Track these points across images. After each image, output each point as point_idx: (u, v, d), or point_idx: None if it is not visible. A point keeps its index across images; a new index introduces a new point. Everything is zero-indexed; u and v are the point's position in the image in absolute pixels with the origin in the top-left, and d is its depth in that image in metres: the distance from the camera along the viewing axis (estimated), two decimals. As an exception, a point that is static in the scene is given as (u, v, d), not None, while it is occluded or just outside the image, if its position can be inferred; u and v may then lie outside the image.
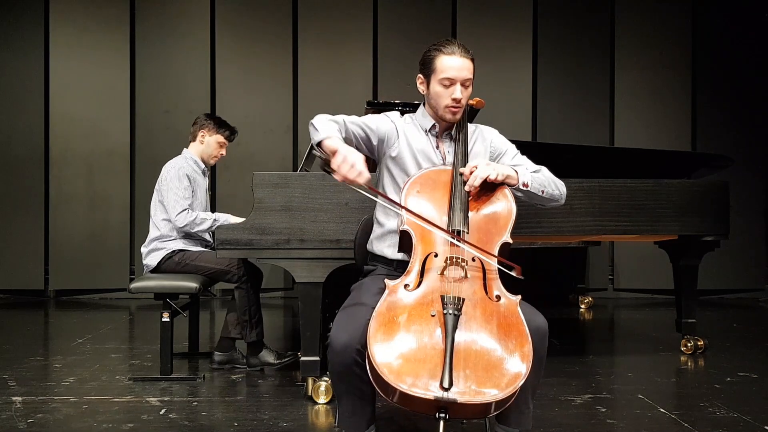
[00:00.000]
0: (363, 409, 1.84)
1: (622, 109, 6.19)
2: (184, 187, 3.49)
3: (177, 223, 3.45)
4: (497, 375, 1.62)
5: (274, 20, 6.07)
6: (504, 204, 1.98)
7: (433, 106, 2.12)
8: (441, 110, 2.09)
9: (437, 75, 2.05)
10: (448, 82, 2.04)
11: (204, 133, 3.68)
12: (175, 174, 3.51)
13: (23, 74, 5.91)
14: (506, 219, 1.96)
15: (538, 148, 4.31)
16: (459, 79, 2.04)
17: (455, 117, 2.10)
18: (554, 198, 2.18)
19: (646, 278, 6.03)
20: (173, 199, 3.46)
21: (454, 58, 2.03)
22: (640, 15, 6.20)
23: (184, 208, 3.45)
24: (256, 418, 2.62)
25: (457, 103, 2.06)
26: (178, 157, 3.67)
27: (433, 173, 2.02)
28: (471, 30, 6.11)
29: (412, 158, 2.13)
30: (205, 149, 3.69)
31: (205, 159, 3.71)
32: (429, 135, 2.16)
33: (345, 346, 1.74)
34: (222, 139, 3.71)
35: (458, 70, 2.03)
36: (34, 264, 5.89)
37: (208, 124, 3.69)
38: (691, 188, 3.48)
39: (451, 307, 1.69)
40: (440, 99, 2.07)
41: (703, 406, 2.79)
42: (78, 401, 2.82)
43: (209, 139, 3.68)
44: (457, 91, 2.04)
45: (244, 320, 3.35)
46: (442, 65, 2.04)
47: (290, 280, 5.83)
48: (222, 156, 3.77)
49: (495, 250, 1.90)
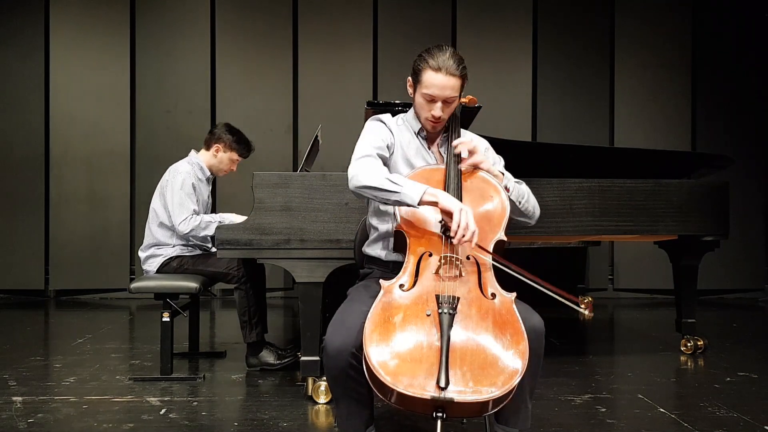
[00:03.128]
0: (360, 411, 1.85)
1: (622, 109, 6.20)
2: (188, 195, 3.42)
3: (181, 230, 3.38)
4: (494, 373, 1.62)
5: (274, 20, 6.08)
6: (497, 202, 1.99)
7: (417, 113, 2.14)
8: (422, 120, 2.12)
9: (421, 87, 2.05)
10: (430, 98, 2.04)
11: (220, 147, 3.58)
12: (178, 181, 3.44)
13: (24, 74, 5.92)
14: (500, 216, 1.96)
15: (538, 148, 4.32)
16: (441, 97, 2.03)
17: (434, 130, 2.12)
18: (527, 213, 2.16)
19: (646, 278, 6.04)
20: (177, 207, 3.40)
21: (439, 77, 2.00)
22: (640, 15, 6.20)
23: (189, 215, 3.39)
24: (256, 418, 2.62)
25: (436, 120, 2.07)
26: (184, 160, 3.59)
27: (427, 172, 2.03)
28: (471, 30, 6.11)
29: (404, 160, 2.13)
30: (217, 163, 3.61)
31: (213, 170, 3.64)
32: (419, 137, 2.17)
33: (339, 349, 1.75)
34: (237, 157, 3.62)
35: (441, 89, 2.01)
36: (34, 264, 5.90)
37: (226, 139, 3.57)
38: (691, 188, 3.48)
39: (446, 307, 1.69)
40: (422, 111, 2.09)
41: (703, 406, 2.79)
42: (78, 401, 2.82)
43: (223, 156, 3.59)
44: (437, 108, 2.04)
45: (244, 320, 3.35)
46: (427, 80, 2.02)
47: (290, 280, 5.82)
48: (231, 171, 3.67)
49: (490, 248, 1.90)
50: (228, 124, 3.69)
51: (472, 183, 2.01)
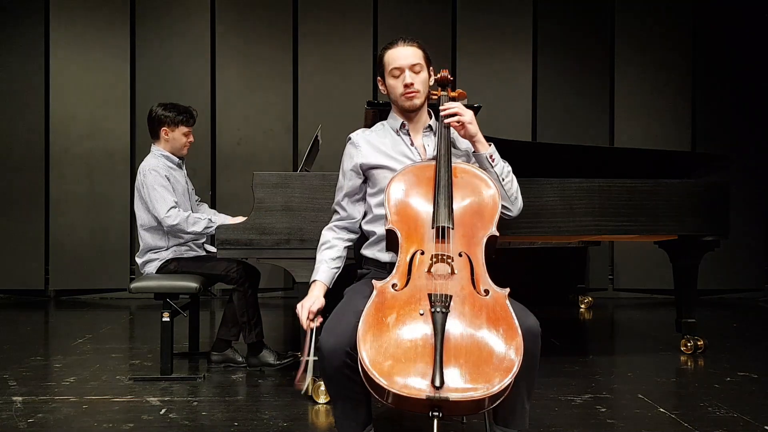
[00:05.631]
0: (357, 411, 1.85)
1: (622, 109, 6.19)
2: (164, 188, 3.36)
3: (167, 222, 3.31)
4: (489, 369, 1.61)
5: (274, 20, 6.07)
6: (488, 197, 1.98)
7: (394, 101, 2.17)
8: (400, 101, 2.13)
9: (387, 69, 2.12)
10: (398, 72, 2.09)
11: (166, 130, 3.51)
12: (150, 178, 3.38)
13: (23, 75, 5.91)
14: (491, 212, 1.96)
15: (538, 148, 4.32)
16: (406, 65, 2.08)
17: (414, 102, 2.12)
18: (509, 194, 2.10)
19: (646, 278, 6.03)
20: (158, 200, 3.34)
21: (397, 49, 2.10)
22: (640, 15, 6.19)
23: (172, 205, 3.34)
24: (256, 418, 2.62)
25: (410, 88, 2.09)
26: (149, 156, 3.53)
27: (416, 169, 2.02)
28: (471, 30, 6.10)
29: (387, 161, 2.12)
30: (173, 144, 3.53)
31: (175, 153, 3.56)
32: (401, 134, 2.17)
33: (333, 350, 1.75)
34: (186, 129, 3.54)
35: (403, 57, 2.09)
36: (34, 264, 5.89)
37: (166, 119, 3.50)
38: (691, 188, 3.48)
39: (439, 305, 1.68)
40: (395, 90, 2.12)
41: (703, 406, 2.79)
42: (78, 401, 2.82)
43: (173, 135, 3.52)
44: (407, 77, 2.08)
45: (243, 322, 3.35)
46: (389, 59, 2.11)
47: (290, 280, 5.84)
48: (191, 143, 3.59)
49: (482, 244, 1.90)
50: (160, 104, 3.58)
51: (463, 178, 2.00)
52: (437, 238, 1.87)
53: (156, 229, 3.43)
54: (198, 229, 3.33)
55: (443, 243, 1.85)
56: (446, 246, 1.85)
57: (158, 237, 3.43)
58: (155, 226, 3.42)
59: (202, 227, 3.32)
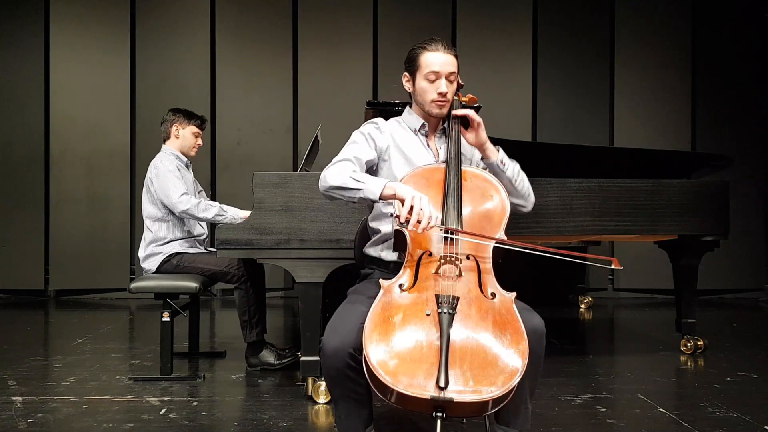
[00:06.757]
0: (359, 411, 1.84)
1: (622, 109, 6.20)
2: (176, 176, 3.49)
3: (179, 207, 3.41)
4: (493, 373, 1.61)
5: (274, 20, 6.08)
6: (497, 201, 1.99)
7: (420, 103, 2.15)
8: (428, 105, 2.12)
9: (422, 71, 2.09)
10: (434, 77, 2.08)
11: (177, 128, 3.67)
12: (162, 169, 3.50)
13: (23, 74, 5.92)
14: (500, 216, 1.97)
15: (538, 148, 4.31)
16: (444, 73, 2.08)
17: (442, 111, 2.12)
18: (522, 193, 2.15)
19: (646, 278, 6.03)
20: (171, 187, 3.44)
21: (437, 54, 2.08)
22: (640, 15, 6.20)
23: (184, 192, 3.44)
24: (256, 418, 2.62)
25: (443, 97, 2.09)
26: (160, 154, 3.66)
27: (426, 171, 2.02)
28: (471, 30, 6.11)
29: (403, 159, 2.13)
30: (183, 142, 3.68)
31: (185, 152, 3.70)
32: (418, 134, 2.18)
33: (336, 350, 1.74)
34: (196, 129, 3.70)
35: (442, 64, 2.08)
36: (34, 264, 5.90)
37: (178, 119, 3.68)
38: (691, 188, 3.48)
39: (445, 306, 1.68)
40: (426, 94, 2.11)
41: (703, 406, 2.79)
42: (78, 401, 2.82)
43: (183, 132, 3.67)
44: (443, 85, 2.08)
45: (244, 320, 3.35)
46: (427, 61, 2.09)
47: (290, 280, 5.83)
48: (199, 145, 3.75)
49: (490, 247, 1.90)
50: (171, 109, 3.78)
51: (473, 182, 2.01)
52: (445, 240, 1.87)
53: (163, 220, 3.49)
54: (209, 215, 3.44)
55: (451, 245, 1.86)
56: (454, 248, 1.86)
57: (165, 228, 3.49)
58: (162, 217, 3.49)
59: (213, 213, 3.44)
